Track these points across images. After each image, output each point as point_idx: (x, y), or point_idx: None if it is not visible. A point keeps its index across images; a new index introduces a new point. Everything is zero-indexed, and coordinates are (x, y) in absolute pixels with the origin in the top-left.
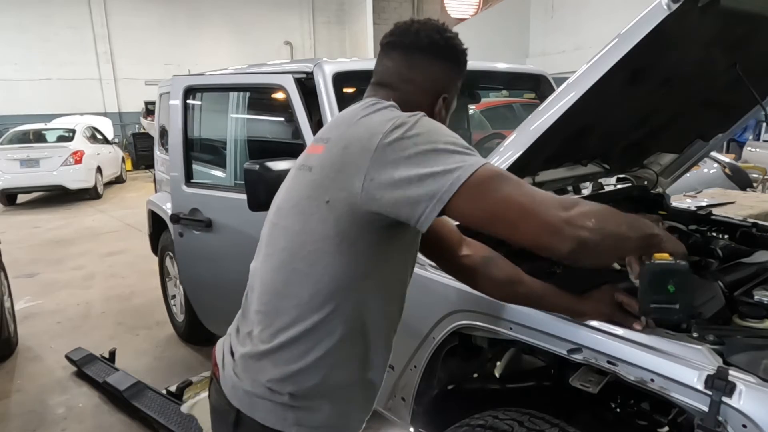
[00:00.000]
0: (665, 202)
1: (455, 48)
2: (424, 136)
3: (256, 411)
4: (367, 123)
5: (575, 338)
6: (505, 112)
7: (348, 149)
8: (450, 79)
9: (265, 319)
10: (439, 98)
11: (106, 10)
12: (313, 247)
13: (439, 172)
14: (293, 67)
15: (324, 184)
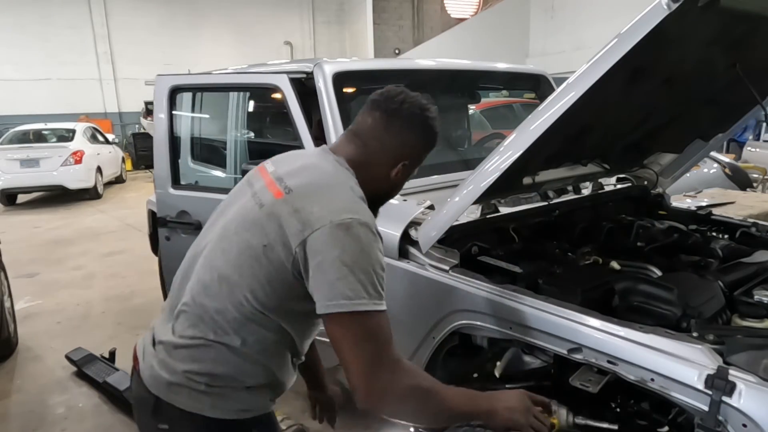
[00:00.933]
0: (665, 202)
1: (430, 127)
2: (356, 253)
3: (174, 397)
4: (323, 204)
5: (575, 338)
6: (505, 112)
7: (296, 216)
8: (416, 151)
9: (190, 318)
10: (399, 163)
11: (106, 10)
12: (245, 276)
13: (352, 286)
14: (293, 67)
15: (267, 229)
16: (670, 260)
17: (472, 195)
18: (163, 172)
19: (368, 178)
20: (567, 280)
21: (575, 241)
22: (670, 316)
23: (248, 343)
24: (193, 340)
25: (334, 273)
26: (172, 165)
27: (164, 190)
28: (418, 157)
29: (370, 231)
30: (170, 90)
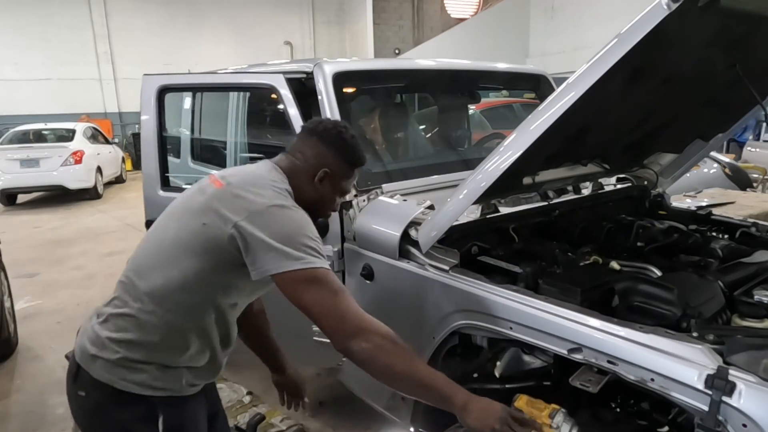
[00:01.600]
0: (665, 202)
1: (343, 141)
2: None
3: (91, 366)
4: (259, 192)
5: (575, 338)
6: (505, 112)
7: (236, 200)
8: (333, 159)
9: (121, 292)
10: (319, 170)
11: (106, 10)
12: (179, 251)
13: (284, 252)
14: (292, 67)
15: (207, 211)
16: (670, 260)
17: (472, 195)
18: (151, 175)
19: (298, 184)
20: (567, 280)
21: (575, 241)
22: (670, 316)
23: (171, 319)
24: (120, 310)
25: (277, 242)
26: (160, 167)
27: (153, 192)
28: (339, 169)
29: (299, 211)
30: (158, 90)
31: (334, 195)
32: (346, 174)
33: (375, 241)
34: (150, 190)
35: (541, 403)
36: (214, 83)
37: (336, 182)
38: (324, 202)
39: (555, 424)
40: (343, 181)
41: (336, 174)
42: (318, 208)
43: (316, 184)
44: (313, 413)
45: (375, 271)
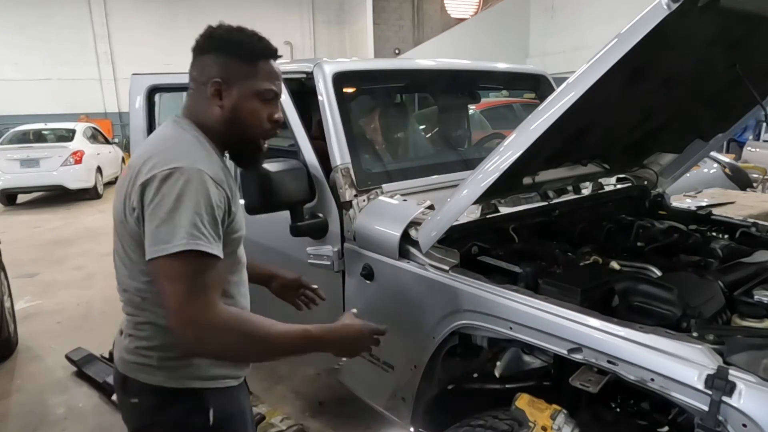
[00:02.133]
0: (665, 202)
1: (212, 35)
2: (174, 199)
3: (137, 374)
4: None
5: (575, 338)
6: (505, 112)
7: (131, 181)
8: (220, 66)
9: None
10: (209, 83)
11: (106, 10)
12: (126, 255)
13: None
14: (292, 67)
15: (118, 204)
16: (670, 260)
17: (472, 195)
18: None
19: (201, 116)
20: (567, 280)
21: (575, 241)
22: (670, 316)
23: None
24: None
25: (155, 221)
26: None
27: None
28: (232, 71)
29: (190, 174)
30: (148, 90)
31: (248, 101)
32: (246, 72)
33: (375, 241)
34: None
35: (542, 404)
36: None
37: (240, 89)
38: (240, 116)
39: (557, 425)
40: (247, 81)
41: (230, 78)
42: (240, 128)
43: (214, 101)
44: (313, 413)
45: (375, 271)
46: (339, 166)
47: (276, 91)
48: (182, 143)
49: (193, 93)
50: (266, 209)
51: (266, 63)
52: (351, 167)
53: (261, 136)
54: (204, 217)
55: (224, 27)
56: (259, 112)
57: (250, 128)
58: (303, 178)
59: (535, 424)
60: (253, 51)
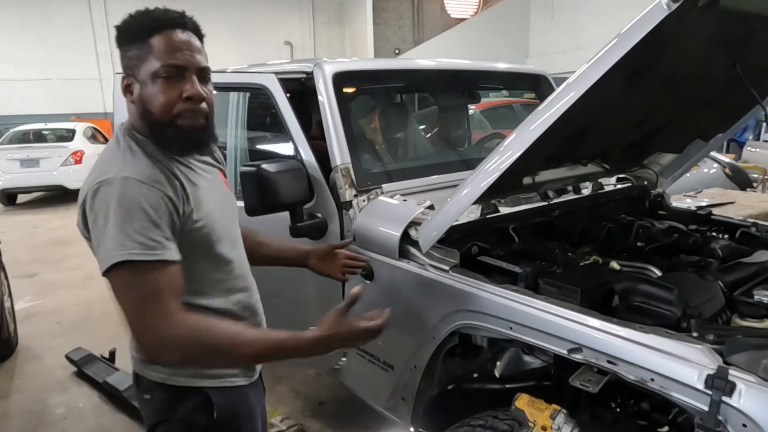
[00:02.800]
0: (665, 202)
1: (116, 32)
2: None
3: (146, 371)
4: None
5: (575, 338)
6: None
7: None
8: (122, 60)
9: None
10: (124, 80)
11: (106, 10)
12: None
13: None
14: (292, 67)
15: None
16: (670, 260)
17: (472, 195)
18: None
19: (131, 119)
20: (567, 280)
21: (575, 241)
22: (670, 316)
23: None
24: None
25: (96, 239)
26: None
27: None
28: (129, 63)
29: (118, 183)
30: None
31: (151, 90)
32: (139, 56)
33: (375, 241)
34: None
35: (542, 404)
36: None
37: (139, 74)
38: (149, 105)
39: (556, 425)
40: (144, 66)
41: (130, 69)
42: (150, 118)
43: (127, 98)
44: (313, 413)
45: (375, 271)
46: (339, 166)
47: (177, 63)
48: (113, 155)
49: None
50: (266, 210)
51: (160, 36)
52: (351, 167)
53: (174, 118)
54: (135, 223)
55: (126, 17)
56: (162, 94)
57: (156, 113)
58: (302, 179)
59: (535, 424)
60: (141, 28)
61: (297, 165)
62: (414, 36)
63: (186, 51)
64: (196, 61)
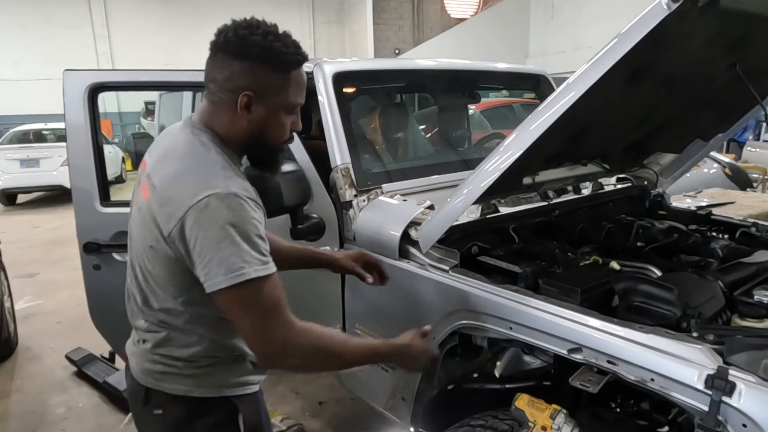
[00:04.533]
0: (665, 202)
1: (251, 44)
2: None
3: (162, 384)
4: (180, 191)
5: (575, 338)
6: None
7: (163, 210)
8: (252, 76)
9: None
10: (239, 95)
11: (106, 10)
12: (155, 276)
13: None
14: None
15: (148, 230)
16: (670, 260)
17: (472, 195)
18: (85, 188)
19: (225, 127)
20: (567, 280)
21: (575, 241)
22: (670, 316)
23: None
24: (154, 333)
25: (206, 254)
26: (99, 178)
27: (89, 208)
28: (265, 83)
29: (229, 200)
30: (90, 89)
31: (277, 117)
32: (278, 84)
33: (375, 241)
34: (84, 206)
35: (542, 404)
36: (162, 81)
37: (269, 100)
38: (267, 131)
39: (556, 425)
40: (279, 95)
41: (262, 90)
42: (263, 141)
43: (242, 114)
44: (313, 413)
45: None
46: (339, 166)
47: (302, 102)
48: (210, 164)
49: (214, 97)
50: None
51: (298, 72)
52: (351, 167)
53: (282, 145)
54: (252, 239)
55: (259, 30)
56: (285, 125)
57: (273, 140)
58: (303, 180)
59: (535, 424)
60: (288, 61)
61: (297, 167)
62: (414, 36)
63: (305, 89)
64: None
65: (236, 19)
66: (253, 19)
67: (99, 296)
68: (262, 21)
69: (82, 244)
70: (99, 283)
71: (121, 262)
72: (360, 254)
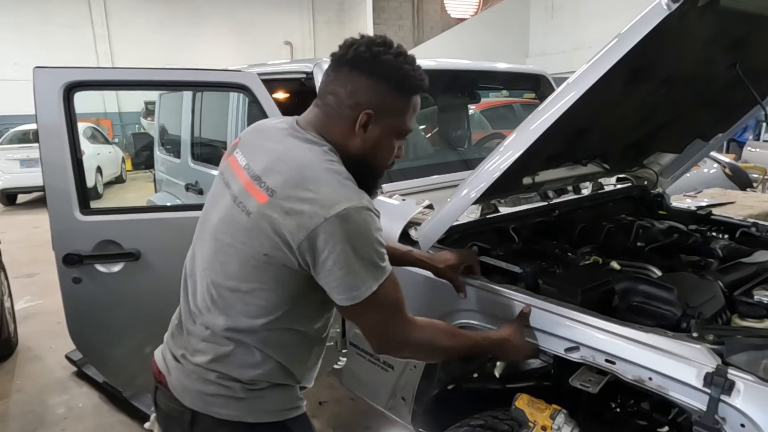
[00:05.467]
0: (665, 202)
1: (377, 58)
2: (355, 242)
3: (212, 408)
4: (312, 199)
5: (573, 336)
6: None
7: (289, 218)
8: (377, 95)
9: (206, 331)
10: (359, 113)
11: (106, 10)
12: (253, 286)
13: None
14: (292, 67)
15: (262, 237)
16: (670, 260)
17: (472, 195)
18: (61, 195)
19: (341, 141)
20: (567, 280)
21: (575, 241)
22: (670, 316)
23: (267, 346)
24: (216, 345)
25: (340, 268)
26: (78, 184)
27: (67, 215)
28: (386, 104)
29: (363, 213)
30: (65, 88)
31: (389, 140)
32: (399, 107)
33: None
34: (61, 213)
35: (542, 404)
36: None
37: (387, 122)
38: (377, 153)
39: (556, 425)
40: (397, 118)
41: (383, 111)
42: (371, 162)
43: (358, 132)
44: (313, 413)
45: None
46: None
47: (412, 130)
48: (339, 175)
49: (331, 110)
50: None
51: (417, 98)
52: None
53: (384, 170)
54: (378, 251)
55: (391, 49)
56: (393, 149)
57: (379, 163)
58: None
59: (535, 424)
60: (413, 85)
61: None
62: (414, 36)
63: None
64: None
65: (366, 35)
66: (386, 38)
67: (79, 311)
68: (393, 41)
69: (61, 255)
70: (79, 297)
71: (105, 273)
72: (459, 261)
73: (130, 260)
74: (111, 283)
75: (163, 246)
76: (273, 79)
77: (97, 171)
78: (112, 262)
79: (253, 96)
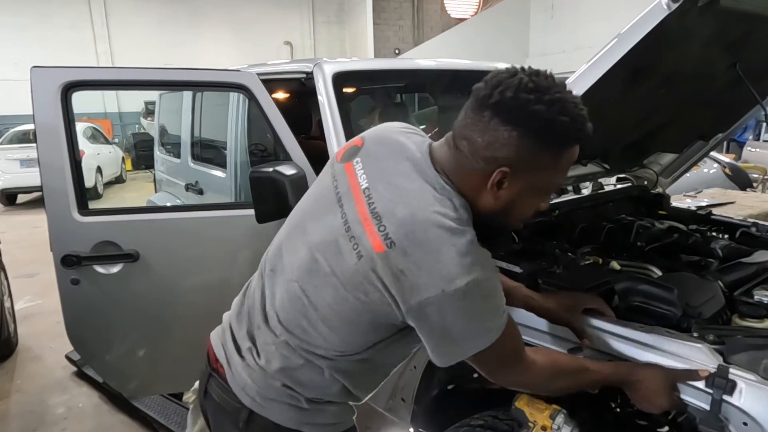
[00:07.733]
0: (665, 202)
1: (532, 115)
2: (474, 313)
3: (270, 412)
4: (431, 268)
5: (575, 337)
6: None
7: (402, 280)
8: (518, 150)
9: (277, 338)
10: (495, 170)
11: (106, 10)
12: (343, 323)
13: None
14: (292, 67)
15: (367, 286)
16: (670, 260)
17: None
18: (59, 196)
19: (467, 192)
20: (567, 280)
21: (575, 241)
22: (670, 316)
23: (338, 372)
24: (287, 358)
25: (447, 343)
26: (76, 185)
27: (65, 217)
28: (528, 161)
29: (482, 287)
30: (63, 87)
31: (530, 198)
32: (545, 164)
33: None
34: (60, 214)
35: (541, 404)
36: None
37: (528, 178)
38: (510, 212)
39: (556, 425)
40: (542, 174)
41: (524, 168)
42: (502, 221)
43: (491, 191)
44: None
45: None
46: None
47: (563, 184)
48: (462, 240)
49: (464, 158)
50: (279, 216)
51: (572, 150)
52: None
53: (521, 221)
54: (498, 312)
55: (545, 96)
56: (533, 207)
57: (512, 220)
58: (306, 182)
59: (535, 424)
60: (568, 138)
61: (301, 169)
62: (414, 36)
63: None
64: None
65: (520, 68)
66: (542, 80)
67: (78, 313)
68: (552, 83)
69: (60, 257)
70: (78, 299)
71: (104, 275)
72: (575, 303)
73: (129, 261)
74: (110, 284)
75: (162, 247)
76: (273, 79)
77: (97, 171)
78: (110, 263)
79: (253, 96)
